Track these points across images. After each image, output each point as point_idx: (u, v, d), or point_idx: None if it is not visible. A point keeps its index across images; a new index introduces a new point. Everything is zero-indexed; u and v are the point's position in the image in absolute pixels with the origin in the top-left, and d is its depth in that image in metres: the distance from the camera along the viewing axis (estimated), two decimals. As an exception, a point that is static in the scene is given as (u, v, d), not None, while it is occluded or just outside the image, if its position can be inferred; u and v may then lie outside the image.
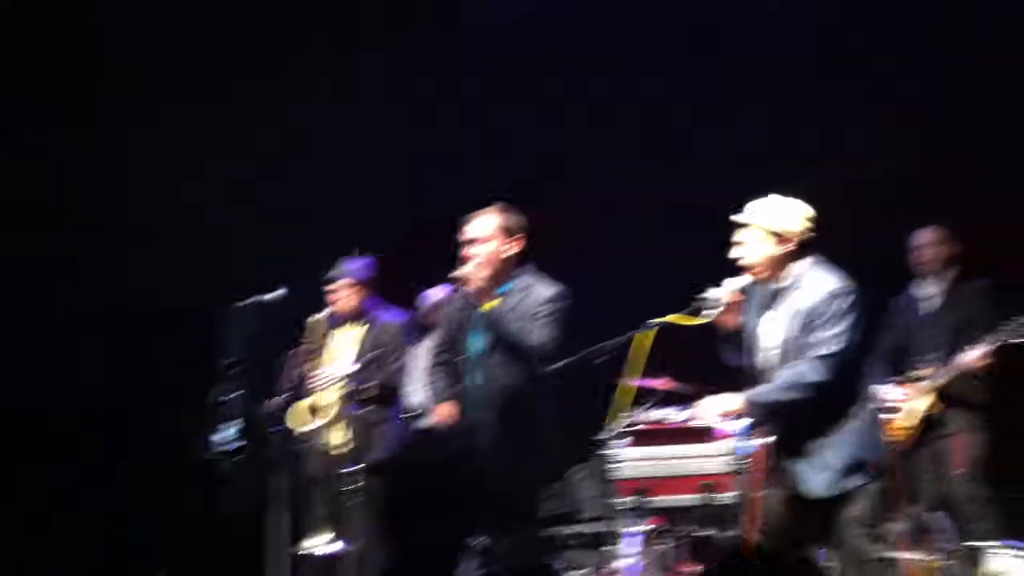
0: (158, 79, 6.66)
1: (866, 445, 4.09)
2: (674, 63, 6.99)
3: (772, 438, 4.25)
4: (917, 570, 5.74)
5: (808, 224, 4.15)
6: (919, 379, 5.60)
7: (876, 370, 5.67)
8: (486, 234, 4.48)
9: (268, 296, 4.98)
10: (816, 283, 4.10)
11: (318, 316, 5.35)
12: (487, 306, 4.42)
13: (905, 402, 5.59)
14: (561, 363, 4.33)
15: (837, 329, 4.01)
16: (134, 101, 6.59)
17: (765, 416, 4.15)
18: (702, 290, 4.19)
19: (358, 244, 5.47)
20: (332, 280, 5.36)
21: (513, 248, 4.51)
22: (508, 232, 4.51)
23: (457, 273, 4.45)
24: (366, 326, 5.39)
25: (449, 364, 4.59)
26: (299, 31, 6.83)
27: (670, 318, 4.16)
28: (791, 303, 4.14)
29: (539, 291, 4.49)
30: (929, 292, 5.78)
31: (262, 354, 5.28)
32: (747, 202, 4.21)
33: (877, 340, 5.78)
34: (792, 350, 4.12)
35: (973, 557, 5.00)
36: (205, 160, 6.66)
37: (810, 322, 4.06)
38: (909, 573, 5.76)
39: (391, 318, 5.44)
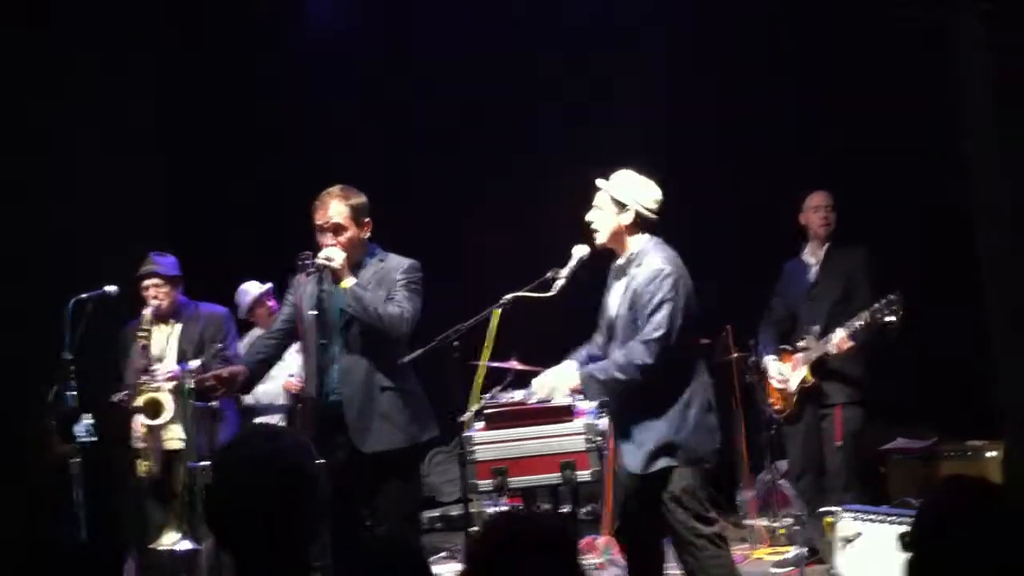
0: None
1: (684, 429, 4.14)
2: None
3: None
4: (765, 534, 5.94)
5: (650, 203, 4.25)
6: (799, 351, 5.64)
7: (766, 339, 5.79)
8: (341, 219, 4.45)
9: (105, 290, 4.85)
10: (646, 263, 4.20)
11: (145, 312, 5.23)
12: (344, 284, 4.38)
13: (785, 374, 5.66)
14: (418, 352, 4.36)
15: (662, 314, 4.09)
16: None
17: (599, 393, 4.22)
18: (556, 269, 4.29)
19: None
20: (142, 278, 5.26)
21: (366, 230, 4.53)
22: (360, 214, 4.50)
23: (321, 259, 4.38)
24: (181, 323, 5.33)
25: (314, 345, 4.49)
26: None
27: (521, 293, 4.23)
28: (625, 282, 4.26)
29: (393, 262, 4.54)
30: (818, 258, 5.76)
31: (102, 349, 5.21)
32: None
33: (768, 308, 5.90)
34: (621, 327, 4.24)
35: (824, 521, 5.13)
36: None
37: (637, 302, 4.18)
38: (758, 537, 5.97)
39: (213, 309, 5.40)
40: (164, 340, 5.27)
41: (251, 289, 6.17)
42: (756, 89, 6.95)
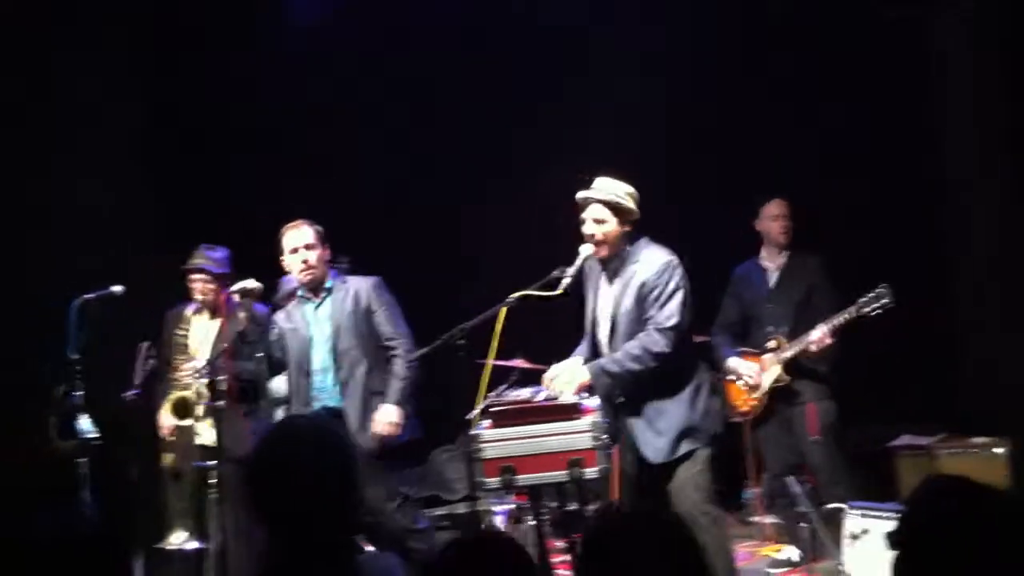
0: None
1: (698, 412, 4.30)
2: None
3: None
4: (773, 532, 5.94)
5: (636, 204, 4.36)
6: (767, 351, 5.66)
7: (722, 341, 5.82)
8: (313, 239, 4.95)
9: (111, 290, 4.84)
10: (646, 257, 4.31)
11: (182, 307, 5.22)
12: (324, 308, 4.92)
13: (754, 374, 5.66)
14: (424, 350, 4.46)
15: (675, 302, 4.23)
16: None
17: (613, 387, 4.26)
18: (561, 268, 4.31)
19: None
20: (190, 271, 5.22)
21: (327, 252, 5.02)
22: (323, 238, 4.99)
23: (304, 278, 4.91)
24: (223, 318, 5.26)
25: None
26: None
27: (528, 291, 4.26)
28: (624, 278, 4.33)
29: (356, 282, 5.03)
30: (777, 264, 5.83)
31: (108, 347, 5.17)
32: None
33: (721, 310, 5.92)
34: (624, 323, 4.30)
35: (830, 519, 5.14)
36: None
37: (646, 296, 4.25)
38: (765, 535, 5.97)
39: (259, 309, 5.28)
40: (203, 334, 5.22)
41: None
42: (755, 89, 6.94)
